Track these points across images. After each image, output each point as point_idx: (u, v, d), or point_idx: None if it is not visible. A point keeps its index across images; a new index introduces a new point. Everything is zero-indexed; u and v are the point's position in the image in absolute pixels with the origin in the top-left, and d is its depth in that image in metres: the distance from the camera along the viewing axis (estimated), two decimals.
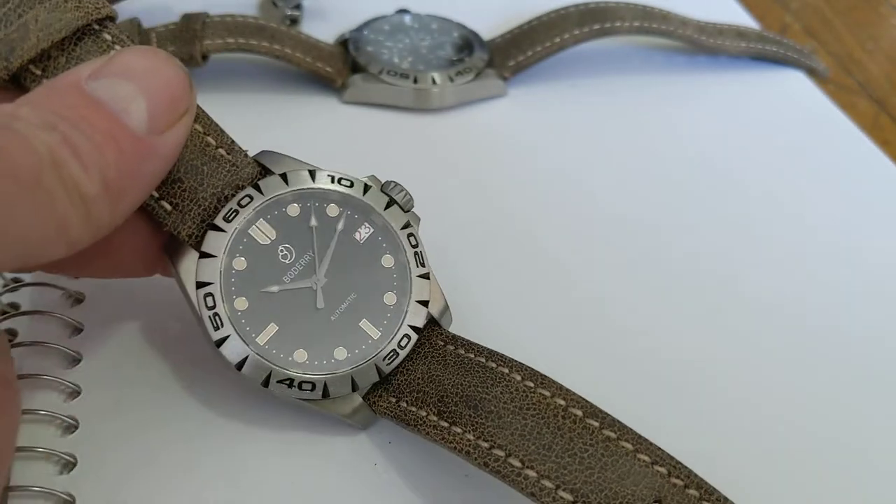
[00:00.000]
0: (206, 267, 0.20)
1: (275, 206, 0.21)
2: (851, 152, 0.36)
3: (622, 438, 0.19)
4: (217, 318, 0.20)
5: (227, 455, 0.21)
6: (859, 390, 0.25)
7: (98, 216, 0.16)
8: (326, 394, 0.21)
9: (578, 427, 0.19)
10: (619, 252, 0.29)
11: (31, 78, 0.19)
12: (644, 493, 0.18)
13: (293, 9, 0.39)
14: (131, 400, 0.22)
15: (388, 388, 0.21)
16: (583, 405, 0.19)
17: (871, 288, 0.29)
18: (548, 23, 0.37)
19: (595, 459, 0.18)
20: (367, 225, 0.22)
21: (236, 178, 0.21)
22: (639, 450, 0.18)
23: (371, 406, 0.21)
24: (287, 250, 0.21)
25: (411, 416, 0.21)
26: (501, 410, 0.19)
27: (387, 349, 0.21)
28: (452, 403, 0.20)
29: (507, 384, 0.20)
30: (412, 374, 0.21)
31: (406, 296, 0.22)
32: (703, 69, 0.40)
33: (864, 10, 0.52)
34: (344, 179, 0.22)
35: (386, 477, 0.21)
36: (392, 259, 0.22)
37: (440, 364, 0.21)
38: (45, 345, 0.23)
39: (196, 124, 0.20)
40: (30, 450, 0.20)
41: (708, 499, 0.18)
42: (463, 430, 0.19)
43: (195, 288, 0.20)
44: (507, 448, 0.19)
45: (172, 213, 0.20)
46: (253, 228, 0.21)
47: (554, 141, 0.34)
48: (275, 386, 0.20)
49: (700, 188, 0.32)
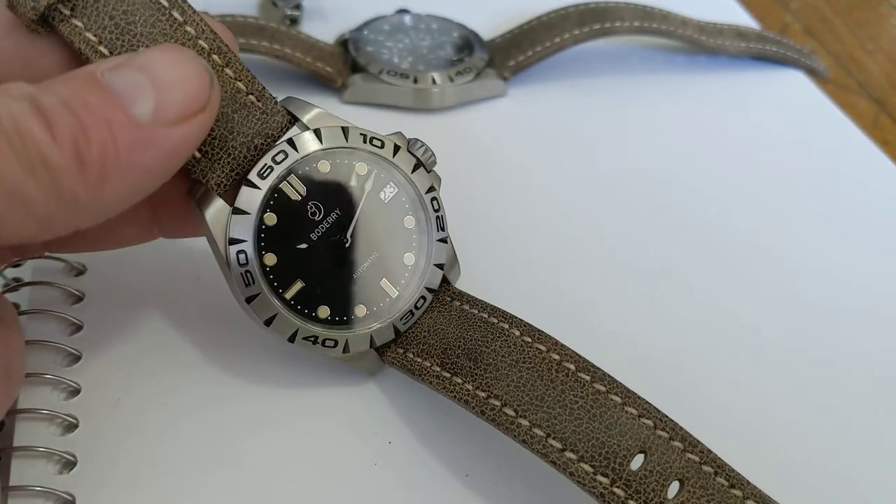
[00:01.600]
0: (240, 224, 0.20)
1: (306, 162, 0.21)
2: (851, 152, 0.36)
3: (612, 392, 0.19)
4: (249, 275, 0.20)
5: (226, 454, 0.21)
6: (856, 386, 0.25)
7: (72, 191, 0.16)
8: (346, 350, 0.22)
9: (570, 380, 0.20)
10: (618, 251, 0.29)
11: (60, 17, 0.19)
12: (629, 443, 0.19)
13: (293, 9, 0.39)
14: (131, 398, 0.22)
15: (396, 339, 0.22)
16: (576, 360, 0.20)
17: (872, 288, 0.29)
18: (548, 23, 0.37)
19: (584, 411, 0.19)
20: (393, 185, 0.22)
21: (266, 126, 0.21)
22: (627, 403, 0.19)
23: (381, 356, 0.22)
24: (316, 207, 0.21)
25: (416, 366, 0.22)
26: (499, 363, 0.20)
27: (404, 309, 0.22)
28: (455, 356, 0.21)
29: (506, 339, 0.21)
30: (419, 327, 0.22)
31: (425, 258, 0.22)
32: (703, 69, 0.40)
33: (864, 10, 0.52)
34: (375, 139, 0.22)
35: (386, 476, 0.21)
36: (414, 220, 0.22)
37: (445, 318, 0.22)
38: (45, 343, 0.23)
39: (228, 69, 0.20)
40: (30, 449, 0.20)
41: (692, 451, 0.19)
42: (463, 380, 0.21)
43: (227, 244, 0.20)
44: (503, 398, 0.20)
45: (202, 161, 0.20)
46: (284, 184, 0.21)
47: (554, 140, 0.34)
48: (300, 342, 0.21)
49: (700, 188, 0.32)
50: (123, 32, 0.19)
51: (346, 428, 0.22)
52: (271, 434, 0.22)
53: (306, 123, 0.21)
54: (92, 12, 0.19)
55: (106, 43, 0.19)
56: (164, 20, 0.19)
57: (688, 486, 0.18)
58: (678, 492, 0.18)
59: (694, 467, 0.18)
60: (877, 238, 0.31)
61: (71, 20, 0.19)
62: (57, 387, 0.22)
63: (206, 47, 0.20)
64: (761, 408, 0.24)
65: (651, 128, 0.36)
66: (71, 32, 0.19)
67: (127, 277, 0.25)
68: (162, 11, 0.19)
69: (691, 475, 0.18)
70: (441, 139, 0.33)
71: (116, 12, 0.19)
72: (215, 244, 0.20)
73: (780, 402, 0.25)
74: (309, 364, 0.23)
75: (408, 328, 0.22)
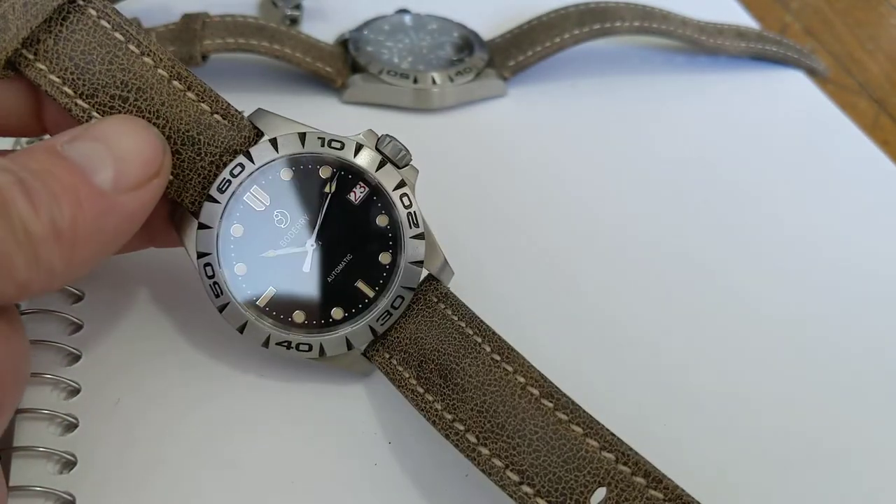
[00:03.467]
0: (204, 238, 0.21)
1: (268, 171, 0.21)
2: (851, 152, 0.36)
3: (573, 422, 0.19)
4: (216, 286, 0.21)
5: (226, 454, 0.21)
6: (858, 388, 0.25)
7: (48, 260, 0.16)
8: (322, 353, 0.22)
9: (532, 407, 0.19)
10: (618, 251, 0.29)
11: (26, 62, 0.20)
12: (587, 479, 0.18)
13: (293, 9, 0.39)
14: (131, 398, 0.22)
15: (384, 343, 0.22)
16: (541, 385, 0.20)
17: (872, 288, 0.29)
18: (548, 23, 0.37)
19: (543, 442, 0.19)
20: (362, 185, 0.22)
21: (234, 142, 0.21)
22: (588, 434, 0.19)
23: (369, 358, 0.23)
24: (282, 215, 0.22)
25: (397, 375, 0.22)
26: (466, 384, 0.20)
27: (381, 309, 0.22)
28: (428, 370, 0.21)
29: (476, 355, 0.21)
30: (403, 331, 0.22)
31: (400, 256, 0.22)
32: (703, 69, 0.40)
33: (864, 10, 0.52)
34: (334, 141, 0.22)
35: (386, 476, 0.21)
36: (386, 219, 0.22)
37: (427, 324, 0.22)
38: (45, 342, 0.23)
39: (190, 93, 0.21)
40: (30, 449, 0.20)
41: (655, 487, 0.18)
42: (433, 398, 0.21)
43: (196, 257, 0.21)
44: (467, 423, 0.20)
45: (174, 182, 0.21)
46: (248, 195, 0.21)
47: (554, 141, 0.34)
48: (273, 347, 0.21)
49: (700, 188, 0.32)
50: (84, 72, 0.20)
51: (345, 428, 0.22)
52: (271, 434, 0.22)
53: (269, 134, 0.22)
54: (53, 55, 0.20)
55: (69, 83, 0.20)
56: (122, 55, 0.20)
57: None
58: None
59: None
60: (877, 238, 0.31)
61: (35, 63, 0.20)
62: (57, 386, 0.22)
63: (166, 75, 0.21)
64: (760, 407, 0.24)
65: (651, 128, 0.35)
66: (36, 76, 0.20)
67: (127, 277, 0.25)
68: (118, 46, 0.20)
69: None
70: (441, 139, 0.34)
71: (76, 52, 0.20)
72: (189, 257, 0.21)
73: (784, 398, 0.25)
74: (308, 365, 0.23)
75: (387, 328, 0.22)
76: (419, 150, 0.32)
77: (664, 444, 0.21)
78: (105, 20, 0.20)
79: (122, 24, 0.20)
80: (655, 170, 0.33)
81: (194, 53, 0.32)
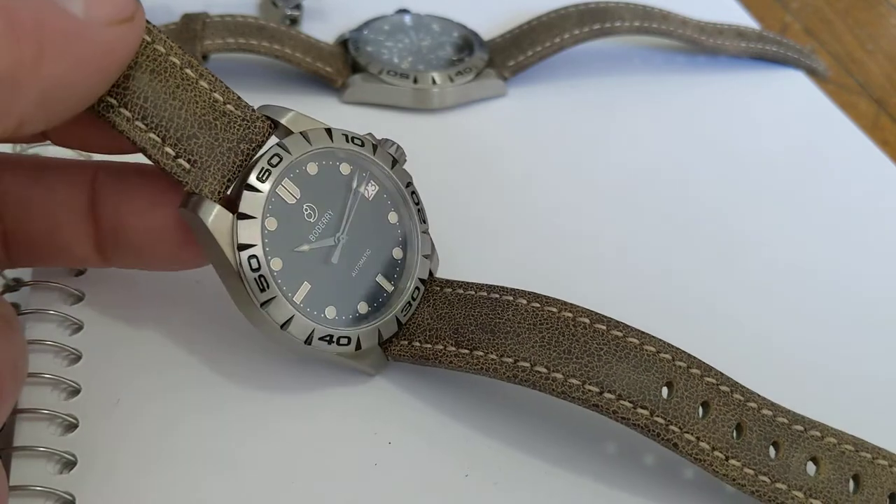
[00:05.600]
0: (247, 228, 0.20)
1: (297, 164, 0.21)
2: (851, 152, 0.36)
3: (628, 336, 0.21)
4: (262, 279, 0.20)
5: (226, 454, 0.21)
6: (856, 384, 0.25)
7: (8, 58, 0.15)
8: (359, 346, 0.22)
9: (589, 332, 0.21)
10: (618, 252, 0.29)
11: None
12: (655, 377, 0.21)
13: (293, 9, 0.39)
14: (131, 398, 0.22)
15: (397, 332, 0.23)
16: (588, 314, 0.22)
17: (872, 288, 0.29)
18: (548, 23, 0.37)
19: (611, 355, 0.21)
20: (374, 183, 0.23)
21: (249, 131, 0.21)
22: (644, 342, 0.21)
23: (384, 351, 0.23)
24: (311, 209, 0.21)
25: (428, 351, 0.22)
26: (518, 328, 0.21)
27: (402, 301, 0.22)
28: (469, 332, 0.22)
29: (516, 308, 0.22)
30: (419, 317, 0.23)
31: (412, 250, 0.23)
32: (703, 69, 0.40)
33: (864, 10, 0.52)
34: (356, 139, 0.22)
35: (386, 476, 0.21)
36: (397, 215, 0.23)
37: (445, 304, 0.23)
38: (45, 343, 0.23)
39: (202, 81, 0.20)
40: (30, 449, 0.20)
41: (708, 375, 0.21)
42: (485, 352, 0.21)
43: (236, 250, 0.20)
44: (532, 359, 0.21)
45: (192, 171, 0.20)
46: (280, 188, 0.21)
47: (554, 141, 0.34)
48: (316, 343, 0.21)
49: (700, 188, 0.32)
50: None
51: (345, 428, 0.22)
52: (270, 434, 0.22)
53: (287, 126, 0.21)
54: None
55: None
56: None
57: (713, 406, 0.21)
58: (706, 412, 0.20)
59: (713, 389, 0.21)
60: (877, 238, 0.31)
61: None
62: (57, 387, 0.22)
63: (178, 63, 0.20)
64: None
65: (651, 128, 0.36)
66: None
67: (127, 277, 0.25)
68: None
69: (712, 396, 0.21)
70: (441, 139, 0.34)
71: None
72: (220, 252, 0.20)
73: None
74: (308, 365, 0.23)
75: (408, 319, 0.23)
76: (419, 150, 0.32)
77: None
78: None
79: None
80: (655, 169, 0.33)
81: (194, 53, 0.32)
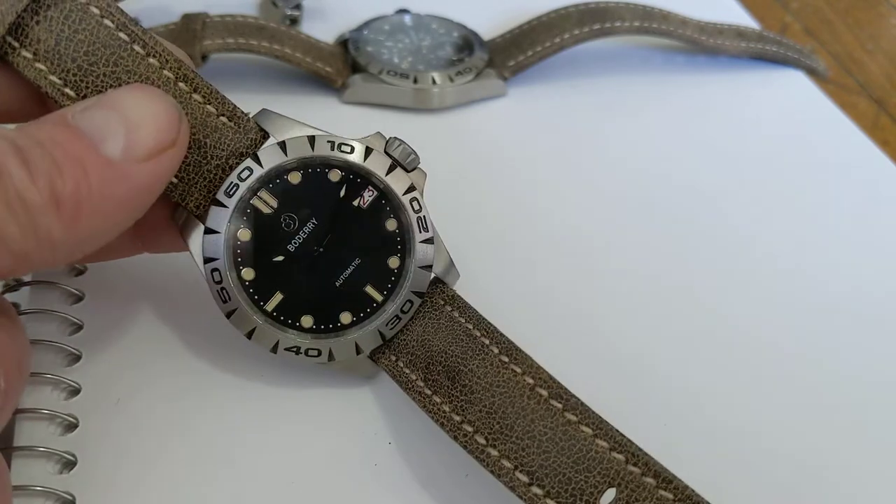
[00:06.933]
0: (211, 243, 0.21)
1: (276, 174, 0.21)
2: (851, 152, 0.36)
3: (583, 423, 0.19)
4: (224, 291, 0.21)
5: (226, 454, 0.21)
6: (858, 389, 0.25)
7: (47, 230, 0.16)
8: (332, 357, 0.22)
9: (542, 408, 0.19)
10: (619, 252, 0.29)
11: (12, 50, 0.19)
12: (597, 480, 0.18)
13: (293, 9, 0.39)
14: (131, 398, 0.22)
15: (390, 345, 0.22)
16: (549, 386, 0.20)
17: (872, 288, 0.29)
18: (548, 23, 0.37)
19: (553, 443, 0.19)
20: (371, 189, 0.22)
21: (240, 145, 0.21)
22: (598, 435, 0.19)
23: (375, 361, 0.22)
24: (290, 219, 0.21)
25: (404, 377, 0.22)
26: (474, 385, 0.20)
27: (390, 313, 0.22)
28: (436, 372, 0.21)
29: (484, 357, 0.21)
30: (410, 334, 0.22)
31: (409, 260, 0.22)
32: (703, 69, 0.40)
33: (864, 10, 0.52)
34: (344, 145, 0.22)
35: (386, 476, 0.21)
36: (395, 223, 0.22)
37: (434, 326, 0.22)
38: (45, 343, 0.23)
39: (196, 94, 0.20)
40: (30, 449, 0.20)
41: (665, 487, 0.18)
42: (441, 400, 0.21)
43: (203, 262, 0.21)
44: (475, 424, 0.20)
45: (179, 186, 0.20)
46: (255, 199, 0.21)
47: (554, 141, 0.34)
48: (282, 352, 0.21)
49: (700, 188, 0.32)
50: (87, 73, 0.19)
51: (345, 429, 0.22)
52: (271, 434, 0.22)
53: (275, 137, 0.21)
54: (54, 56, 0.19)
55: (71, 84, 0.19)
56: (127, 56, 0.20)
57: None
58: None
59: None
60: (877, 238, 0.31)
61: (21, 52, 0.19)
62: (57, 387, 0.22)
63: (172, 76, 0.20)
64: (757, 408, 0.24)
65: (651, 128, 0.35)
66: (36, 76, 0.19)
67: (127, 277, 0.25)
68: (123, 47, 0.20)
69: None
70: (441, 139, 0.34)
71: (78, 53, 0.19)
72: (195, 262, 0.21)
73: (773, 400, 0.25)
74: (310, 366, 0.23)
75: (395, 333, 0.22)
76: (419, 150, 0.32)
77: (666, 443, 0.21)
78: (109, 19, 0.20)
79: (127, 24, 0.20)
80: (655, 169, 0.33)
81: (194, 54, 0.32)
